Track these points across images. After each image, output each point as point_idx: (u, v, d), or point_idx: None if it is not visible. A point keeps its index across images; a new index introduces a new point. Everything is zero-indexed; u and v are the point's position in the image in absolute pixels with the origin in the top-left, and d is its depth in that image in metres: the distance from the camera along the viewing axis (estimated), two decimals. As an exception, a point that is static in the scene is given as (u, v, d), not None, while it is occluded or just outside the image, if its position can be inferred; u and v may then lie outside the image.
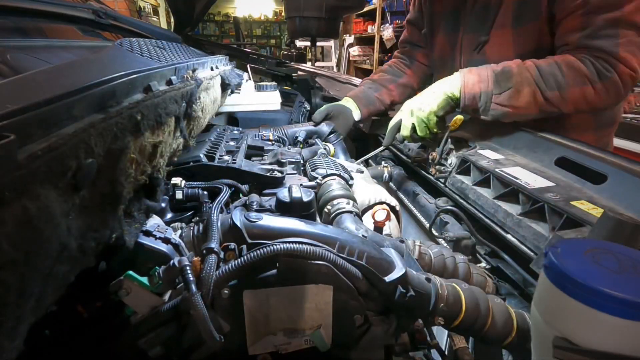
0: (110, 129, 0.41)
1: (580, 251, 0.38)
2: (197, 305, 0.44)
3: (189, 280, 0.46)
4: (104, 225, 0.43)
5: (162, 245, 0.53)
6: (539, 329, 0.39)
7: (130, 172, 0.49)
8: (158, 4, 6.45)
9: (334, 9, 1.87)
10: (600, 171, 0.74)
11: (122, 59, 0.69)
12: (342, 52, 6.71)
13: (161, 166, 0.63)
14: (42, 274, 0.32)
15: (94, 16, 1.29)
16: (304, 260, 0.51)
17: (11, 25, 1.01)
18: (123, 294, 0.47)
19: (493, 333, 0.59)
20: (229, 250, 0.52)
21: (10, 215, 0.27)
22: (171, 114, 0.61)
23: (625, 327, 0.32)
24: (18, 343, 0.30)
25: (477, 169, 0.89)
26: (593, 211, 0.65)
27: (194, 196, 0.73)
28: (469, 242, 0.86)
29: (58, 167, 0.32)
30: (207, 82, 0.92)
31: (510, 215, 0.77)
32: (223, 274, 0.49)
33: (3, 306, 0.27)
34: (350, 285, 0.53)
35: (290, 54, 2.26)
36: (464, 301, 0.59)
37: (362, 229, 0.70)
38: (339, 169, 0.94)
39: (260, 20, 9.92)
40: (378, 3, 5.31)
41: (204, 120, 0.97)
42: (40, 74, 0.44)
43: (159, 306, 0.48)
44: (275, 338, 0.52)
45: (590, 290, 0.33)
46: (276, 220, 0.57)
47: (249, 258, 0.49)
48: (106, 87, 0.45)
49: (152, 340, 0.48)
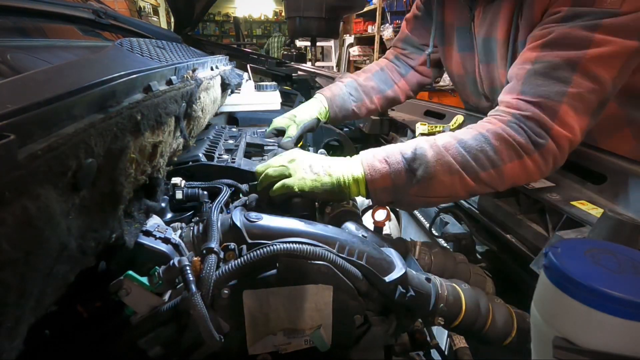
0: (110, 129, 0.41)
1: (580, 251, 0.38)
2: (197, 305, 0.44)
3: (189, 280, 0.46)
4: (104, 225, 0.43)
5: (162, 245, 0.53)
6: (539, 329, 0.39)
7: (130, 172, 0.49)
8: (158, 4, 6.45)
9: (334, 9, 1.86)
10: (600, 171, 0.74)
11: (122, 59, 0.69)
12: (342, 52, 6.71)
13: (161, 166, 0.63)
14: (42, 274, 0.32)
15: (94, 16, 1.29)
16: (304, 260, 0.51)
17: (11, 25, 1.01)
18: (123, 294, 0.47)
19: (493, 333, 0.59)
20: (229, 250, 0.52)
21: (10, 215, 0.27)
22: (171, 114, 0.61)
23: (625, 327, 0.32)
24: (18, 343, 0.30)
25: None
26: (593, 211, 0.65)
27: (194, 196, 0.73)
28: (469, 242, 0.86)
29: (58, 167, 0.32)
30: (207, 82, 0.92)
31: (510, 215, 0.77)
32: (223, 274, 0.49)
33: (3, 306, 0.27)
34: (350, 285, 0.53)
35: (290, 54, 2.26)
36: (463, 301, 0.59)
37: (362, 229, 0.69)
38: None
39: (261, 20, 9.92)
40: (378, 3, 5.31)
41: (204, 120, 0.97)
42: (41, 74, 0.44)
43: (159, 306, 0.48)
44: (275, 338, 0.52)
45: (590, 290, 0.33)
46: (276, 220, 0.57)
47: (248, 258, 0.49)
48: (106, 87, 0.45)
49: (152, 340, 0.48)
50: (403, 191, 0.71)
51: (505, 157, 0.69)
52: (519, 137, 0.68)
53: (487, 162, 0.69)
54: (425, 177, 0.69)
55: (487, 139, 0.70)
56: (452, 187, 0.70)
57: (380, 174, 0.71)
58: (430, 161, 0.69)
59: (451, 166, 0.69)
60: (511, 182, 0.71)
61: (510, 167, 0.69)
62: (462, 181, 0.70)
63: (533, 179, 0.73)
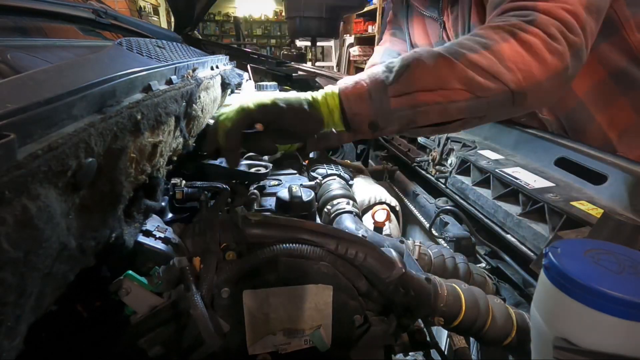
0: (110, 129, 0.41)
1: (580, 251, 0.38)
2: (197, 305, 0.44)
3: (189, 280, 0.46)
4: (103, 225, 0.43)
5: (162, 245, 0.53)
6: (539, 329, 0.39)
7: (130, 172, 0.49)
8: (158, 4, 6.45)
9: (334, 9, 1.86)
10: (600, 171, 0.74)
11: (122, 59, 0.69)
12: (343, 52, 6.71)
13: (161, 166, 0.63)
14: (41, 273, 0.32)
15: (94, 16, 1.29)
16: (304, 261, 0.51)
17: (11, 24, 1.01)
18: (123, 294, 0.47)
19: (493, 333, 0.59)
20: (229, 250, 0.52)
21: (10, 214, 0.27)
22: (171, 113, 0.61)
23: (625, 327, 0.32)
24: (18, 342, 0.30)
25: (477, 169, 0.89)
26: (593, 211, 0.65)
27: (193, 196, 0.73)
28: (469, 242, 0.87)
29: (58, 167, 0.32)
30: (208, 82, 0.92)
31: (510, 215, 0.77)
32: (223, 273, 0.49)
33: (3, 305, 0.27)
34: (350, 285, 0.53)
35: (290, 54, 2.26)
36: (463, 301, 0.59)
37: (362, 229, 0.70)
38: (339, 169, 0.94)
39: (261, 20, 9.92)
40: (378, 3, 5.31)
41: (204, 119, 0.96)
42: (41, 73, 0.44)
43: (159, 306, 0.48)
44: (275, 338, 0.52)
45: (590, 291, 0.33)
46: (276, 220, 0.57)
47: (248, 258, 0.49)
48: (106, 86, 0.45)
49: (151, 340, 0.48)
50: (382, 96, 0.57)
51: (496, 37, 0.59)
52: (505, 21, 0.61)
53: (476, 45, 0.58)
54: (404, 66, 0.57)
55: (474, 33, 0.62)
56: (437, 72, 0.56)
57: (354, 82, 0.59)
58: (407, 55, 0.59)
59: (431, 52, 0.58)
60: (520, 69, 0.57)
61: (507, 47, 0.58)
62: (449, 64, 0.56)
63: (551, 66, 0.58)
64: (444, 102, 0.57)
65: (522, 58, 0.57)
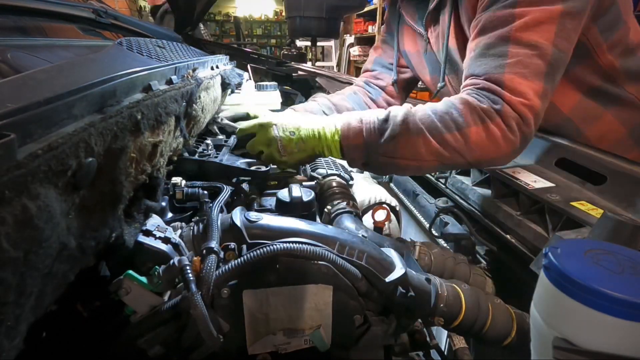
0: (110, 128, 0.41)
1: (580, 252, 0.38)
2: (197, 304, 0.44)
3: (189, 279, 0.46)
4: (103, 225, 0.43)
5: (162, 245, 0.53)
6: (539, 330, 0.39)
7: (130, 172, 0.49)
8: (158, 4, 6.43)
9: (335, 9, 1.87)
10: (600, 172, 0.74)
11: (122, 58, 0.69)
12: (343, 52, 6.71)
13: (161, 165, 0.63)
14: (41, 273, 0.32)
15: (94, 15, 1.29)
16: (304, 260, 0.51)
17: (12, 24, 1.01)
18: (123, 294, 0.47)
19: (493, 333, 0.59)
20: (229, 250, 0.52)
21: (10, 214, 0.27)
22: (171, 113, 0.61)
23: (625, 327, 0.32)
24: (17, 342, 0.30)
25: (477, 169, 0.89)
26: (593, 212, 0.65)
27: (194, 196, 0.73)
28: (469, 242, 0.87)
29: (58, 166, 0.32)
30: (208, 82, 0.92)
31: (510, 215, 0.77)
32: (223, 273, 0.49)
33: (3, 305, 0.27)
34: (350, 286, 0.53)
35: (290, 54, 2.26)
36: (463, 301, 0.59)
37: (362, 229, 0.70)
38: (339, 169, 0.94)
39: (261, 20, 9.92)
40: (378, 3, 5.31)
41: (204, 119, 0.96)
42: (41, 73, 0.44)
43: (159, 306, 0.48)
44: (275, 338, 0.52)
45: (590, 291, 0.33)
46: (276, 220, 0.57)
47: (248, 258, 0.49)
48: (106, 86, 0.45)
49: (151, 340, 0.48)
50: (374, 150, 0.75)
51: (469, 119, 0.71)
52: (480, 102, 0.72)
53: (452, 123, 0.72)
54: (392, 136, 0.73)
55: (454, 104, 0.74)
56: (415, 147, 0.73)
57: (354, 131, 0.76)
58: (398, 121, 0.73)
59: (416, 125, 0.73)
60: (479, 150, 0.72)
61: (475, 131, 0.71)
62: (426, 142, 0.72)
63: (502, 151, 0.73)
64: (418, 166, 0.77)
65: (483, 143, 0.72)
